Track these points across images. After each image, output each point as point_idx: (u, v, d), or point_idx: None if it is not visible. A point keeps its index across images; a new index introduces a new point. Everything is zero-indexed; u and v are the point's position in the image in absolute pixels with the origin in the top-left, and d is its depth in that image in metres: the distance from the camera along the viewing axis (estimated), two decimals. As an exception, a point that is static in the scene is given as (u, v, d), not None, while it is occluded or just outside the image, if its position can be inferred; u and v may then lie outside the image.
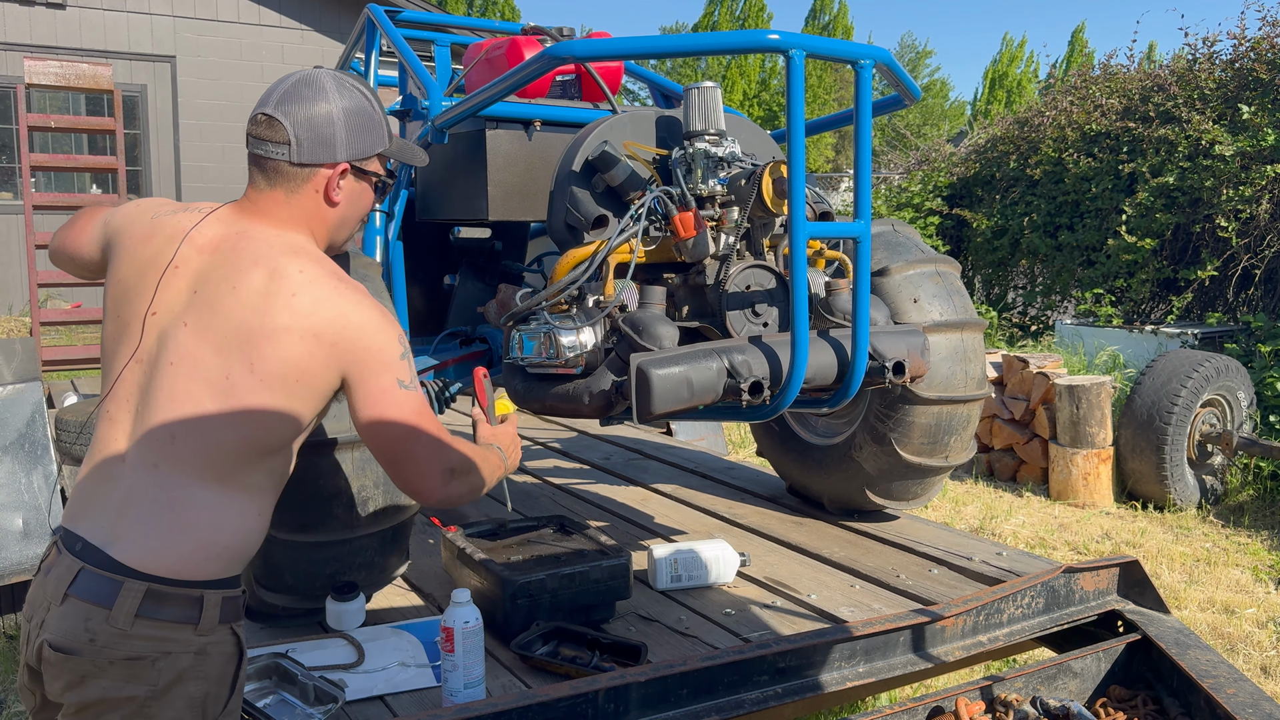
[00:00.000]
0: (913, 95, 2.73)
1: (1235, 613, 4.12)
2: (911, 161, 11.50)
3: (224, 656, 1.49)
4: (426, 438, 1.55)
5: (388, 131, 1.68)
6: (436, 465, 1.57)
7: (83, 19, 10.30)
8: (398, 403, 1.53)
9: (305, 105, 1.58)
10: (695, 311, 2.61)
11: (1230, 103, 7.56)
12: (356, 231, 1.72)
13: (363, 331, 1.52)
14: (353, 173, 1.63)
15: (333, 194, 1.61)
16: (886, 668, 2.38)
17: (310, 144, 1.57)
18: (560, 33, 3.22)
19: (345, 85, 1.63)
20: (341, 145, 1.60)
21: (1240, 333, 6.97)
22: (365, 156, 1.64)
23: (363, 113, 1.63)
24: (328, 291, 1.51)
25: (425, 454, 1.55)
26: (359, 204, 1.68)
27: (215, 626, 1.47)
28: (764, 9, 24.66)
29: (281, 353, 1.46)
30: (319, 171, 1.59)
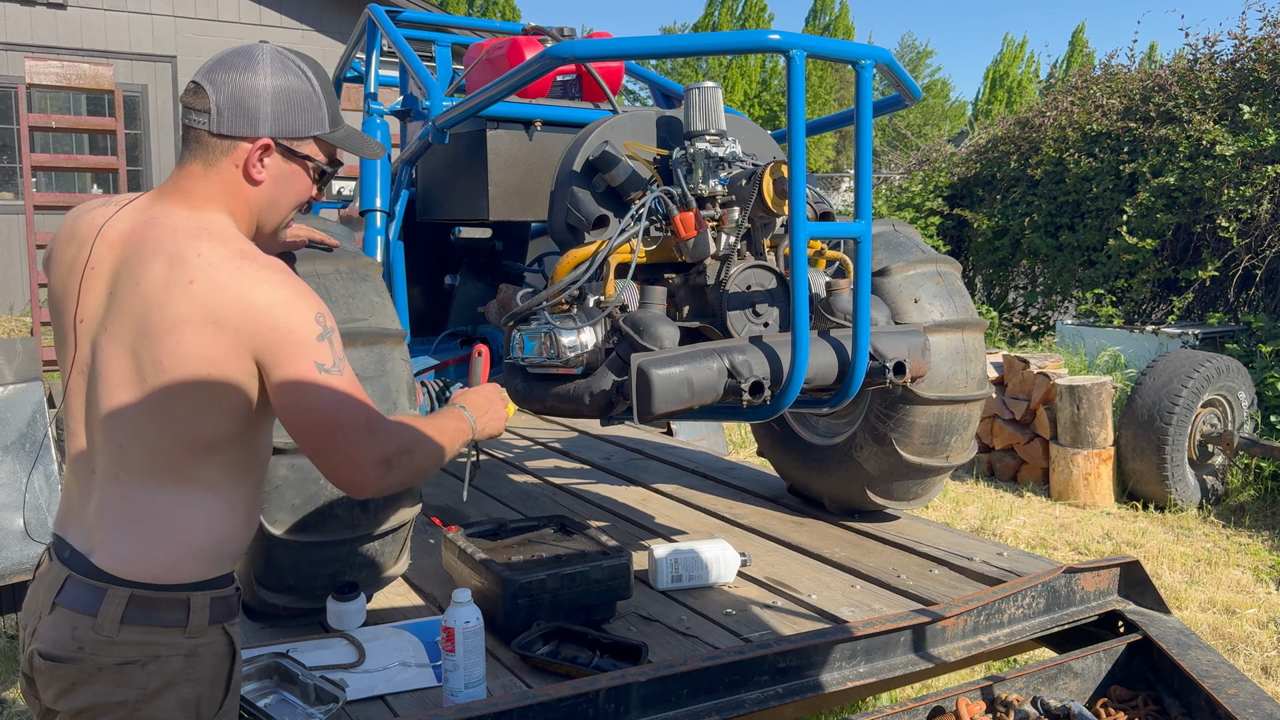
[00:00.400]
0: (913, 95, 2.73)
1: (1236, 613, 4.12)
2: (912, 162, 11.50)
3: (216, 657, 1.47)
4: (352, 427, 1.43)
5: (330, 116, 1.58)
6: (367, 456, 1.44)
7: (84, 19, 10.31)
8: (316, 389, 1.41)
9: (233, 74, 1.49)
10: (696, 311, 2.61)
11: (1231, 103, 7.56)
12: (289, 217, 1.60)
13: (268, 313, 1.40)
14: (280, 152, 1.52)
15: (253, 170, 1.50)
16: (887, 668, 2.38)
17: (231, 114, 1.48)
18: (561, 33, 3.22)
19: (284, 61, 1.54)
20: (265, 119, 1.50)
21: (1241, 333, 6.97)
22: (295, 136, 1.53)
23: (297, 91, 1.53)
24: (227, 274, 1.40)
25: (353, 445, 1.43)
26: (290, 188, 1.56)
27: (205, 628, 1.45)
28: (764, 9, 24.66)
29: (185, 348, 1.38)
30: (239, 145, 1.49)
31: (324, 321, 1.44)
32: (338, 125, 1.60)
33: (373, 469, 1.45)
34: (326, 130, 1.57)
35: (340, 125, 1.61)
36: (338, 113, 1.60)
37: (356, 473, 1.44)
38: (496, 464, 4.24)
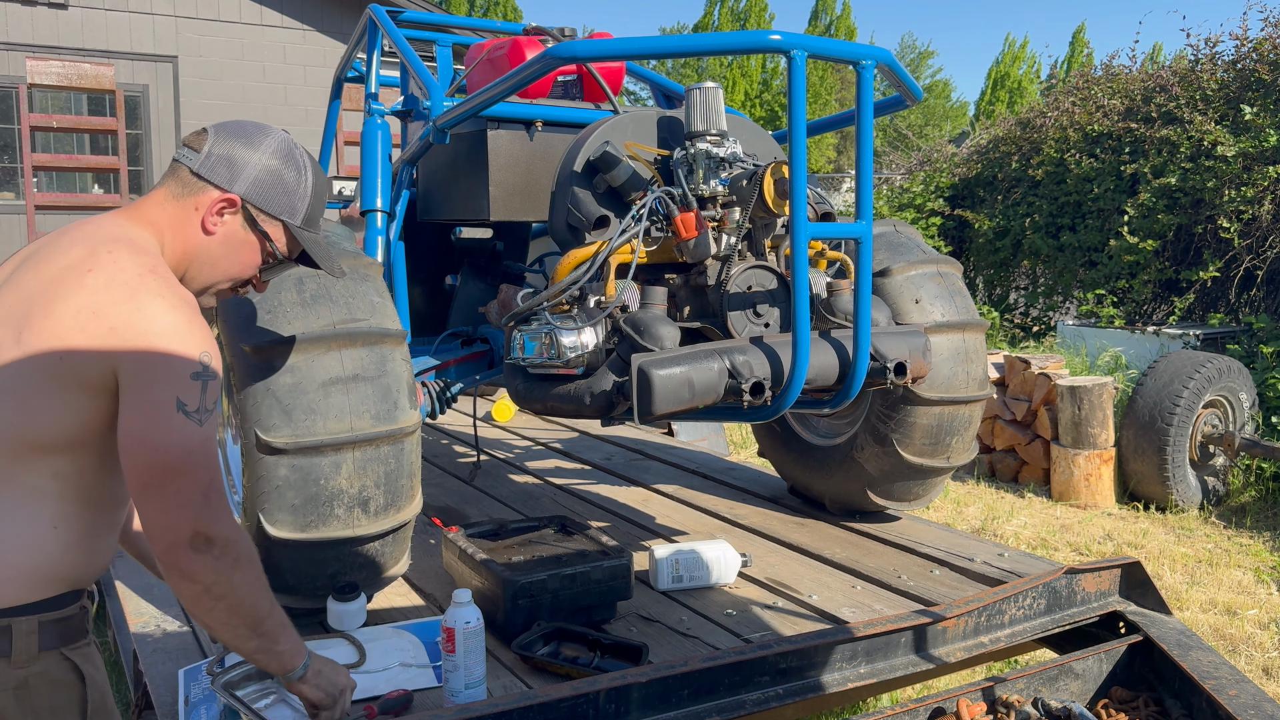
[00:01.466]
0: (914, 96, 2.72)
1: (1237, 614, 4.11)
2: (913, 162, 11.50)
3: (52, 685, 1.35)
4: (192, 480, 1.33)
5: (307, 214, 1.57)
6: (191, 519, 1.33)
7: (85, 19, 10.31)
8: (168, 426, 1.31)
9: (240, 139, 1.53)
10: (697, 312, 2.61)
11: (1232, 103, 7.55)
12: (219, 287, 1.55)
13: (150, 328, 1.32)
14: (244, 216, 1.52)
15: (209, 220, 1.49)
16: (888, 669, 2.38)
17: (217, 163, 1.50)
18: (562, 33, 3.22)
19: (292, 151, 1.57)
20: (245, 180, 1.51)
21: (1242, 334, 6.96)
22: (265, 210, 1.53)
23: (286, 176, 1.54)
24: (128, 277, 1.34)
25: (183, 499, 1.33)
26: (235, 254, 1.53)
27: (35, 656, 1.33)
28: (765, 9, 24.66)
29: (51, 324, 1.30)
30: (209, 190, 1.49)
31: (207, 363, 1.36)
32: (312, 227, 1.60)
33: (190, 535, 1.33)
34: (298, 223, 1.57)
35: (314, 229, 1.60)
36: (317, 218, 1.61)
37: (174, 529, 1.33)
38: (497, 464, 4.24)
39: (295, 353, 2.19)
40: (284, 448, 2.15)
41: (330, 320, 2.25)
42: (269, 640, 1.48)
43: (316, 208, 1.60)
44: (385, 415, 2.25)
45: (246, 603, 1.41)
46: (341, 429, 2.20)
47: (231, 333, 2.24)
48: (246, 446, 2.21)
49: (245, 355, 2.19)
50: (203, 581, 1.36)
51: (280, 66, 11.10)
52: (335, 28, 11.36)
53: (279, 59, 11.15)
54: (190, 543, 1.34)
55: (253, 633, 1.44)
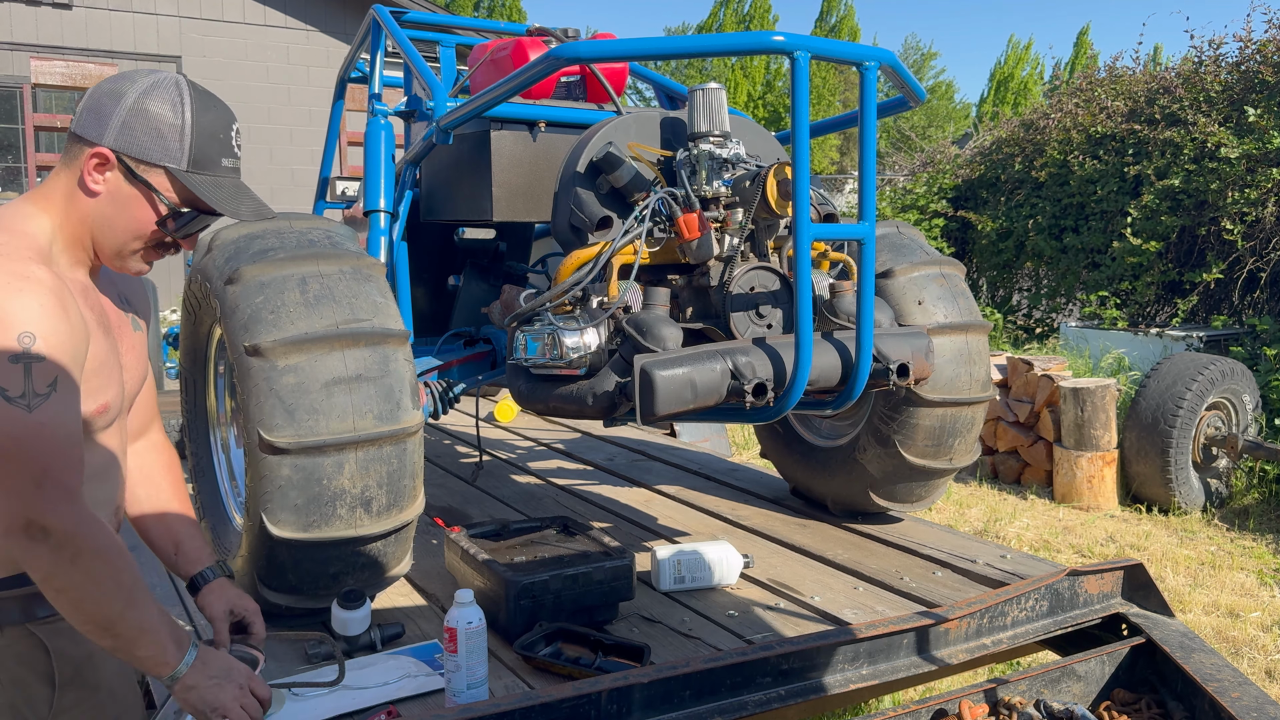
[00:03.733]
0: (917, 97, 2.72)
1: (1240, 616, 4.11)
2: (916, 163, 11.49)
3: (16, 659, 1.37)
4: (15, 470, 1.27)
5: (192, 156, 1.45)
6: (16, 507, 1.27)
7: (89, 19, 10.32)
8: None
9: (112, 85, 1.44)
10: (699, 313, 2.61)
11: (1236, 105, 7.54)
12: (133, 248, 1.46)
13: None
14: (122, 170, 1.42)
15: (89, 180, 1.41)
16: (890, 670, 2.38)
17: (87, 116, 1.42)
18: (565, 34, 3.22)
19: (166, 91, 1.44)
20: (112, 129, 1.41)
21: (1245, 336, 6.96)
22: (139, 158, 1.42)
23: (156, 117, 1.42)
24: None
25: (8, 486, 1.27)
26: (127, 213, 1.44)
27: None
28: (769, 10, 24.67)
29: None
30: (84, 148, 1.42)
31: (28, 344, 1.27)
32: (205, 169, 1.46)
33: (24, 523, 1.28)
34: (182, 168, 1.44)
35: (209, 171, 1.46)
36: (210, 159, 1.47)
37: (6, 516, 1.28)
38: (500, 465, 4.24)
39: (298, 353, 2.19)
40: (287, 447, 2.15)
41: (333, 320, 2.25)
42: (124, 644, 1.38)
43: (207, 147, 1.46)
44: (388, 415, 2.25)
45: (89, 599, 1.33)
46: (344, 429, 2.20)
47: (234, 333, 2.24)
48: (249, 446, 2.22)
49: (248, 355, 2.19)
50: (40, 570, 1.31)
51: (284, 67, 11.11)
52: (339, 28, 11.37)
53: (282, 59, 11.17)
54: (25, 531, 1.29)
55: (103, 632, 1.36)
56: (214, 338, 2.81)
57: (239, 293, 2.27)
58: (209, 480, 2.87)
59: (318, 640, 2.32)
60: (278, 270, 2.30)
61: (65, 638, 1.43)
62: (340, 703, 2.06)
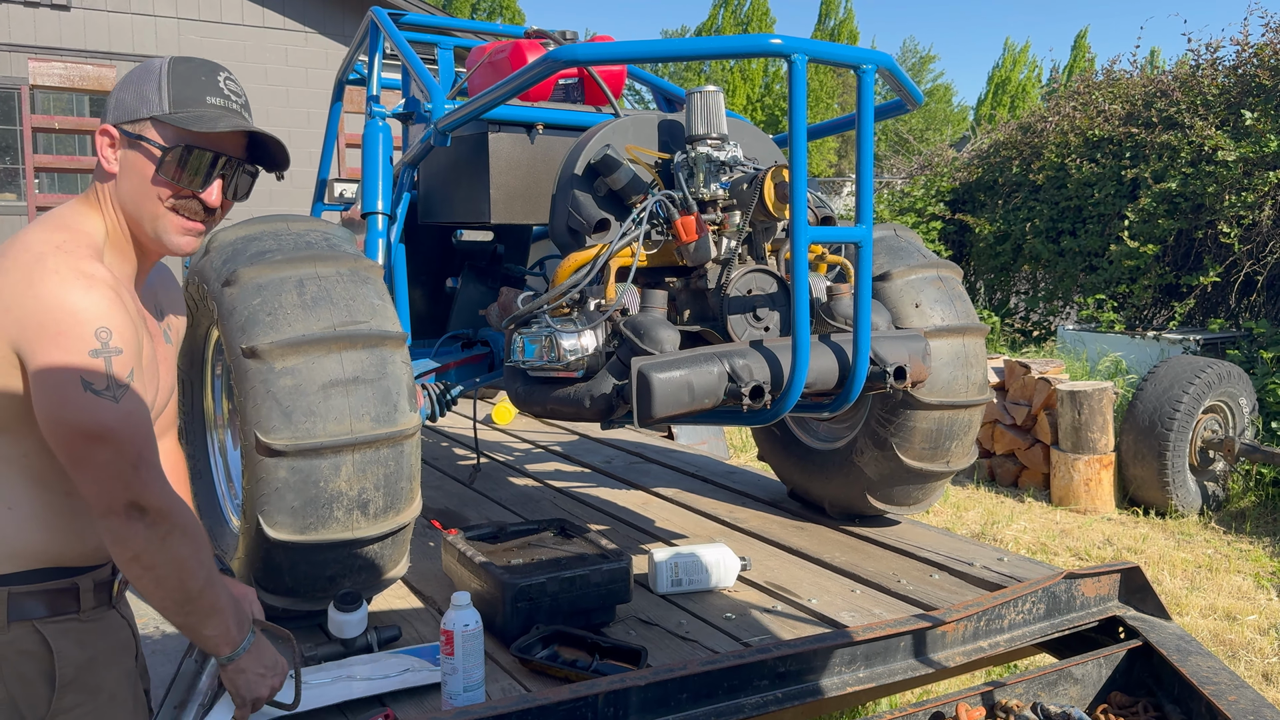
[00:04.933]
0: (915, 100, 2.73)
1: (1237, 619, 4.11)
2: (914, 166, 11.50)
3: (20, 655, 1.39)
4: (112, 454, 1.33)
5: (171, 98, 1.45)
6: (118, 489, 1.33)
7: (87, 20, 10.32)
8: (77, 407, 1.31)
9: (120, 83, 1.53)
10: (697, 315, 2.61)
11: (1233, 108, 7.56)
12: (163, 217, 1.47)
13: (40, 305, 1.30)
14: (123, 139, 1.46)
15: (105, 163, 1.48)
16: (887, 673, 2.38)
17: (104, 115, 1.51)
18: (563, 36, 3.23)
19: (152, 62, 1.50)
20: (110, 108, 1.48)
21: (1242, 339, 6.96)
22: (130, 119, 1.46)
23: (138, 78, 1.47)
24: (30, 256, 1.33)
25: (105, 471, 1.33)
26: (134, 175, 1.46)
27: (3, 627, 1.37)
28: (768, 13, 24.68)
29: None
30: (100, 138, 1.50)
31: (105, 339, 1.32)
32: (186, 107, 1.45)
33: (125, 503, 1.34)
34: (165, 111, 1.45)
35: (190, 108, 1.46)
36: (193, 98, 1.46)
37: (107, 497, 1.34)
38: (497, 467, 4.24)
39: (295, 355, 2.19)
40: (283, 450, 2.15)
41: (330, 322, 2.25)
42: (195, 620, 1.46)
43: (186, 89, 1.46)
44: (385, 418, 2.25)
45: (173, 576, 1.40)
46: (341, 431, 2.20)
47: (231, 335, 2.24)
48: (246, 448, 2.21)
49: (245, 357, 2.19)
50: (133, 548, 1.37)
51: (282, 68, 11.11)
52: (337, 30, 11.37)
53: (281, 61, 11.17)
54: (125, 510, 1.35)
55: (179, 609, 1.44)
56: (211, 340, 2.81)
57: (236, 295, 2.27)
58: (206, 483, 2.86)
59: (314, 644, 2.32)
60: (275, 272, 2.29)
61: (70, 639, 1.43)
62: (339, 691, 2.06)
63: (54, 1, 10.13)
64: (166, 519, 1.38)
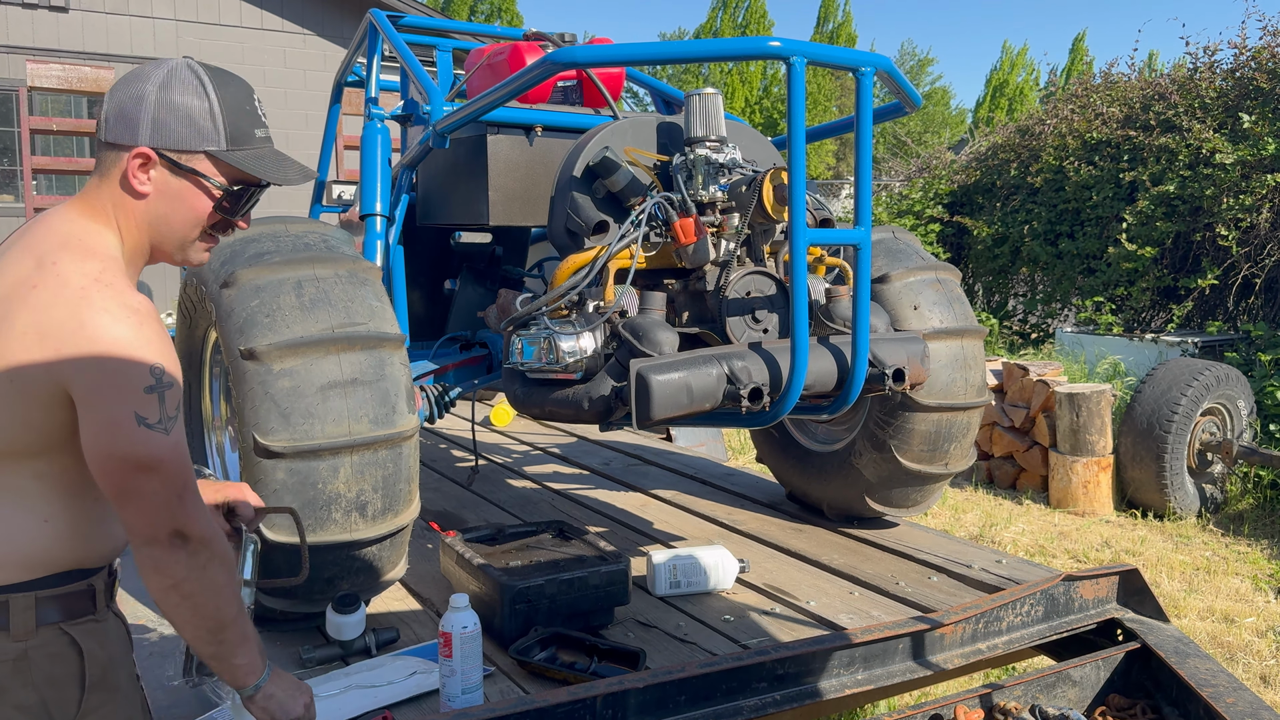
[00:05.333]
0: (913, 103, 2.73)
1: (1235, 622, 4.11)
2: (912, 169, 11.51)
3: (50, 658, 1.40)
4: (159, 485, 1.36)
5: (229, 134, 1.47)
6: (164, 517, 1.36)
7: (85, 22, 10.32)
8: (130, 441, 1.33)
9: (129, 84, 1.46)
10: (695, 317, 2.61)
11: (1231, 112, 7.57)
12: (193, 240, 1.50)
13: (95, 346, 1.31)
14: (166, 165, 1.45)
15: (134, 182, 1.44)
16: (885, 675, 2.38)
17: (115, 122, 1.44)
18: (562, 39, 3.23)
19: (185, 76, 1.46)
20: (145, 128, 1.43)
21: (1240, 341, 6.97)
22: (179, 149, 1.44)
23: (182, 105, 1.44)
24: (72, 292, 1.32)
25: (152, 501, 1.36)
26: (182, 204, 1.47)
27: (33, 630, 1.38)
28: (765, 15, 24.70)
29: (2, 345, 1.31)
30: (121, 154, 1.44)
31: (160, 375, 1.35)
32: (244, 144, 1.49)
33: (169, 533, 1.37)
34: (222, 148, 1.47)
35: (247, 146, 1.50)
36: (245, 132, 1.50)
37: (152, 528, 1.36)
38: (495, 469, 4.23)
39: (293, 356, 2.19)
40: (282, 451, 2.14)
41: (329, 324, 2.25)
42: (227, 649, 1.48)
43: (239, 122, 1.49)
44: (383, 419, 2.25)
45: (211, 605, 1.43)
46: (339, 433, 2.19)
47: (230, 336, 2.24)
48: (244, 450, 2.21)
49: (243, 359, 2.18)
50: (174, 576, 1.39)
51: (280, 70, 11.11)
52: (336, 32, 11.38)
53: (279, 63, 11.17)
54: (169, 539, 1.37)
55: (212, 637, 1.46)
56: (209, 341, 2.81)
57: (235, 296, 2.27)
58: (204, 484, 2.86)
59: (312, 646, 2.32)
60: (273, 274, 2.29)
61: (95, 640, 1.45)
62: (354, 703, 2.05)
63: (52, 3, 10.13)
64: (207, 547, 1.41)
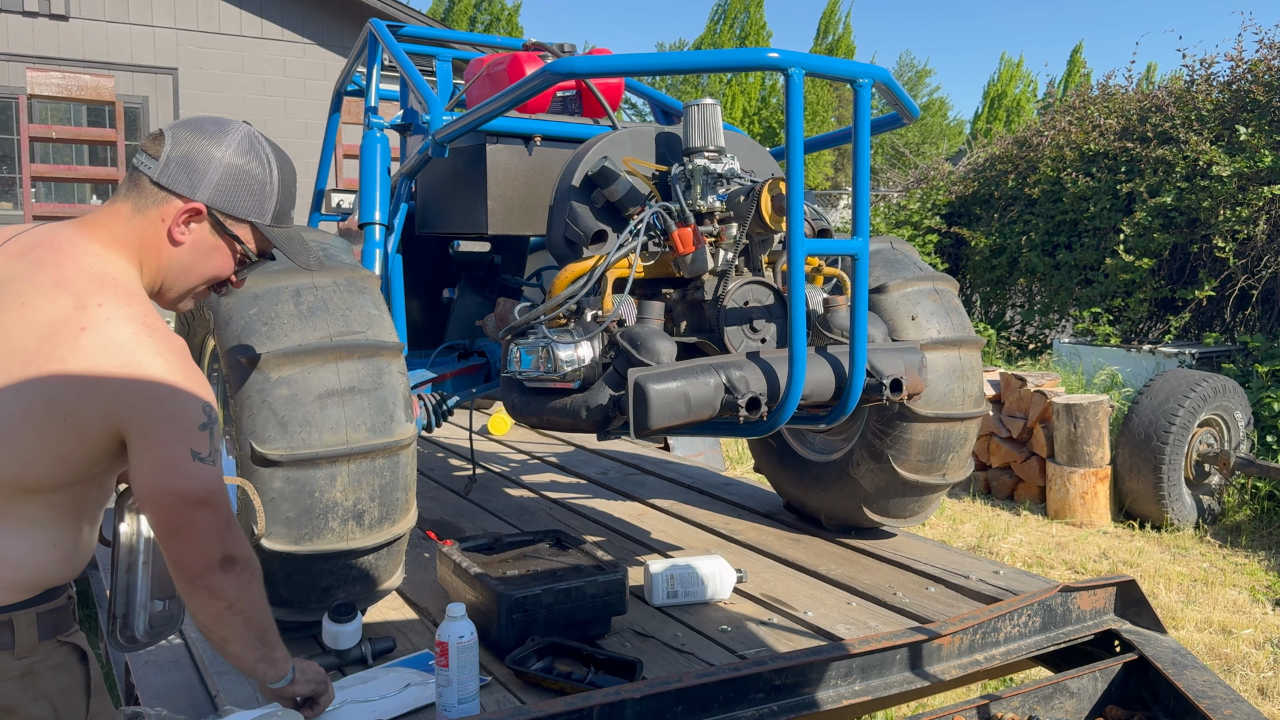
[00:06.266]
0: (911, 114, 2.74)
1: (1232, 633, 4.11)
2: (910, 179, 11.54)
3: (55, 669, 1.42)
4: (216, 510, 1.44)
5: (276, 211, 1.56)
6: (218, 543, 1.45)
7: (85, 30, 10.34)
8: (188, 476, 1.40)
9: (198, 137, 1.49)
10: (693, 327, 2.61)
11: (1228, 124, 7.59)
12: (196, 291, 1.56)
13: (154, 389, 1.36)
14: (211, 222, 1.50)
15: (176, 230, 1.48)
16: (883, 686, 2.38)
17: (177, 169, 1.47)
18: (561, 49, 3.24)
19: (254, 145, 1.53)
20: (208, 186, 1.48)
21: (1237, 353, 6.98)
22: (232, 214, 1.51)
23: (251, 174, 1.52)
24: (125, 336, 1.36)
25: (210, 527, 1.44)
26: (209, 260, 1.53)
27: (36, 645, 1.40)
28: (764, 27, 24.78)
29: (51, 390, 1.32)
30: (172, 200, 1.47)
31: (210, 413, 1.44)
32: (281, 223, 1.59)
33: (218, 557, 1.46)
34: (266, 222, 1.56)
35: (284, 224, 1.59)
36: (287, 212, 1.59)
37: (205, 557, 1.45)
38: (493, 478, 4.23)
39: (292, 365, 2.19)
40: (279, 460, 2.14)
41: (327, 332, 2.25)
42: (269, 648, 1.59)
43: (285, 202, 1.58)
44: (381, 428, 2.25)
45: (259, 614, 1.55)
46: (337, 441, 2.19)
47: (228, 344, 2.24)
48: (241, 458, 2.21)
49: (241, 367, 2.18)
50: (228, 597, 1.49)
51: (280, 79, 11.13)
52: (335, 41, 11.40)
53: (279, 72, 11.19)
54: (220, 565, 1.47)
55: (260, 642, 1.57)
56: (207, 349, 2.81)
57: (233, 304, 2.27)
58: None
59: (308, 655, 2.31)
60: (272, 282, 2.29)
61: (85, 645, 1.49)
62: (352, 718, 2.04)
63: (53, 11, 10.15)
64: (250, 564, 1.52)
